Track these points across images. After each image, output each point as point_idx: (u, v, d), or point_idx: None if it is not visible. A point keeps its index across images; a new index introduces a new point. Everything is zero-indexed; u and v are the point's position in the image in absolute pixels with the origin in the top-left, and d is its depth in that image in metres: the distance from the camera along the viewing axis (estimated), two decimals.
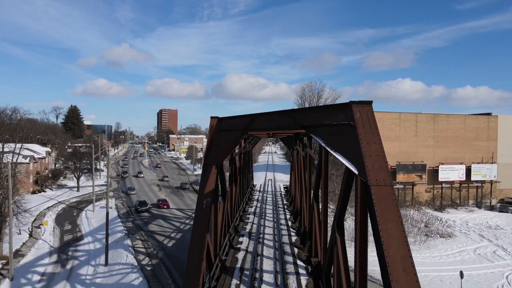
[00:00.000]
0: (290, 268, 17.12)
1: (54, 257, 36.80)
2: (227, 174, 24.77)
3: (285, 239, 22.19)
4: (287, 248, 20.24)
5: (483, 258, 36.43)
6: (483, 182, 63.40)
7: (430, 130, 61.84)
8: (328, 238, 16.05)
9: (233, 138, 14.84)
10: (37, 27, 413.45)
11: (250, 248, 20.12)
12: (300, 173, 27.95)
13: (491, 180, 63.65)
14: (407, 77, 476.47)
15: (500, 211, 58.73)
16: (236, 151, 23.83)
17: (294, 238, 22.52)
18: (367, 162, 8.60)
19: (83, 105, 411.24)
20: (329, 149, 9.86)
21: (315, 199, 19.03)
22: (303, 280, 15.74)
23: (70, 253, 38.14)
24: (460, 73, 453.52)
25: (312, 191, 20.17)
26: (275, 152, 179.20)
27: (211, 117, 16.36)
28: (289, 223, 26.99)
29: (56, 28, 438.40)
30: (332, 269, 14.65)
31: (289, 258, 18.46)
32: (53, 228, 47.60)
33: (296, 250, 20.13)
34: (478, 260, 35.59)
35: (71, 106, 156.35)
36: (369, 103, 9.78)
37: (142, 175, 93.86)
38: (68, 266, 34.21)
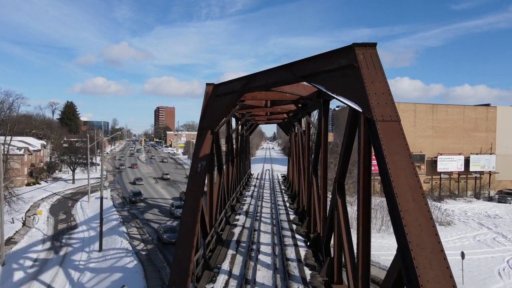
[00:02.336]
0: (288, 241, 16.54)
1: (48, 244, 36.08)
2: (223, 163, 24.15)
3: (283, 217, 21.62)
4: (285, 225, 19.67)
5: (483, 244, 35.98)
6: (481, 173, 63.02)
7: (429, 120, 61.40)
8: (328, 210, 15.51)
9: (229, 101, 14.23)
10: (36, 26, 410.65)
11: (247, 225, 19.52)
12: (298, 154, 27.40)
13: (489, 171, 63.31)
14: (406, 75, 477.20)
15: (499, 202, 58.36)
16: (233, 128, 23.22)
17: (292, 216, 21.95)
18: (372, 100, 8.02)
19: (81, 103, 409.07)
20: (331, 94, 9.25)
21: (314, 172, 18.47)
22: (302, 251, 15.16)
23: (64, 240, 37.44)
24: (458, 72, 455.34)
25: (311, 168, 19.59)
26: (272, 148, 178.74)
27: (207, 84, 15.77)
28: (287, 204, 26.43)
29: (54, 27, 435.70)
30: (332, 239, 14.11)
31: (287, 233, 17.89)
32: (47, 217, 46.82)
33: (294, 226, 19.55)
34: (478, 246, 35.14)
35: (68, 102, 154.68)
36: (373, 45, 9.18)
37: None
38: (62, 253, 33.52)
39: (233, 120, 25.92)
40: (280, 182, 42.00)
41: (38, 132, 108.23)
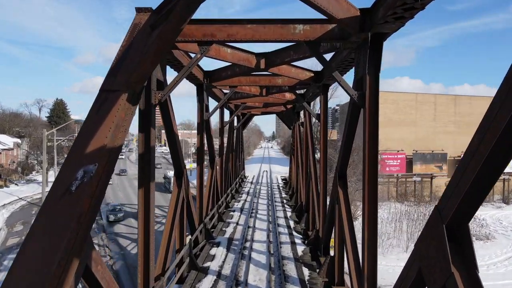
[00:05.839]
0: None
1: None
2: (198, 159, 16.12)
3: (287, 250, 13.65)
4: (291, 268, 11.73)
5: None
6: (510, 174, 55.12)
7: (451, 114, 53.47)
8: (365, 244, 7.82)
9: (174, 25, 6.32)
10: (34, 26, 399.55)
11: (227, 270, 11.59)
12: (305, 152, 19.47)
13: None
14: (406, 75, 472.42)
15: None
16: (209, 112, 15.16)
17: (301, 249, 14.01)
18: None
19: (80, 103, 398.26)
20: None
21: (340, 180, 10.54)
22: None
23: (6, 262, 29.50)
24: (457, 72, 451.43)
25: (336, 173, 11.49)
26: (271, 147, 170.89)
27: (137, 10, 7.78)
28: (291, 223, 18.49)
29: (53, 27, 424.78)
30: None
31: None
32: (0, 229, 38.89)
33: (306, 272, 11.64)
34: None
35: (57, 99, 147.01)
36: None
37: None
38: None
39: (217, 107, 17.92)
40: (281, 188, 34.08)
41: (20, 130, 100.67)
